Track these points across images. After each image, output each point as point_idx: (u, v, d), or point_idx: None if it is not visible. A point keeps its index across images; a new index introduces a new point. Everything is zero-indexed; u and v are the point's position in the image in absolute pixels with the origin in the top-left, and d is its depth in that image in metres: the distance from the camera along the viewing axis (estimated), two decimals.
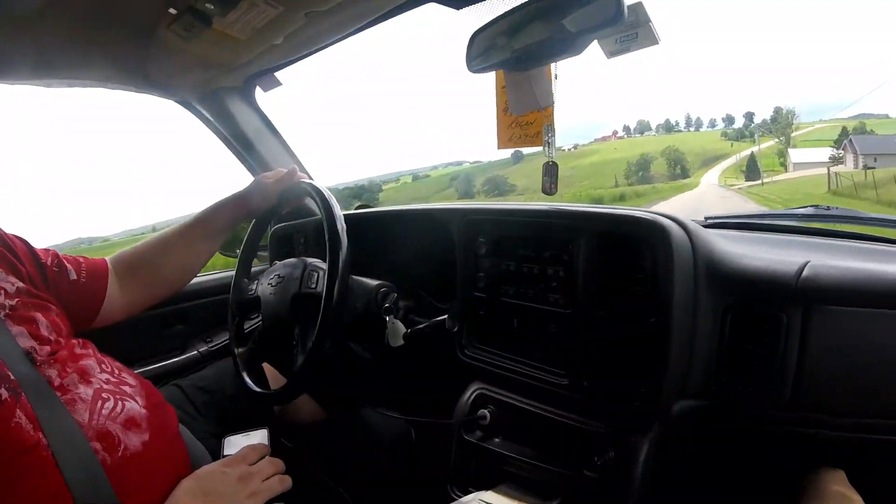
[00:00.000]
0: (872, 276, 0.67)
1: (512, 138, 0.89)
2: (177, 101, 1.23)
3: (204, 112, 1.23)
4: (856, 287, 0.67)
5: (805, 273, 0.69)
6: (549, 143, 0.85)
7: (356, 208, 1.26)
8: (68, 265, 0.80)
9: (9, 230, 0.75)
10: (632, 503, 0.73)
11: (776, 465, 0.83)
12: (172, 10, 0.89)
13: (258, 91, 1.23)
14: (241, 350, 0.93)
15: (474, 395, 0.91)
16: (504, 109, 0.90)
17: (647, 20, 0.86)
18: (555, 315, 0.82)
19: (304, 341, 0.82)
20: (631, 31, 0.87)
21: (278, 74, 1.19)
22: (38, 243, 0.78)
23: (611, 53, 0.89)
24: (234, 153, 1.30)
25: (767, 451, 0.83)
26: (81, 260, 0.83)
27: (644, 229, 0.73)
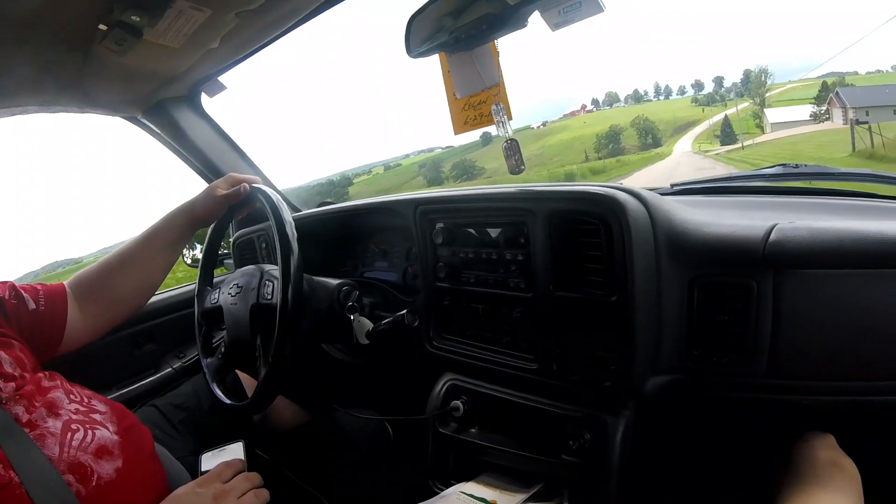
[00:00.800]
0: (842, 235, 0.62)
1: (468, 121, 0.86)
2: (123, 118, 1.19)
3: (151, 126, 1.20)
4: (826, 248, 0.63)
5: (772, 237, 0.65)
6: (501, 123, 0.82)
7: (318, 205, 1.24)
8: (25, 294, 0.79)
9: None
10: (613, 484, 0.72)
11: (758, 435, 0.82)
12: (102, 27, 0.86)
13: (205, 98, 1.20)
14: (209, 360, 0.92)
15: (445, 386, 0.90)
16: (454, 95, 0.86)
17: None
18: (517, 300, 0.80)
19: (266, 352, 0.80)
20: (574, 1, 0.84)
21: (223, 78, 1.15)
22: (15, 271, 0.77)
23: (555, 25, 0.85)
24: (187, 164, 1.27)
25: (748, 422, 0.82)
26: (39, 287, 0.82)
27: (597, 205, 0.70)
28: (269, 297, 0.81)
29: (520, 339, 0.81)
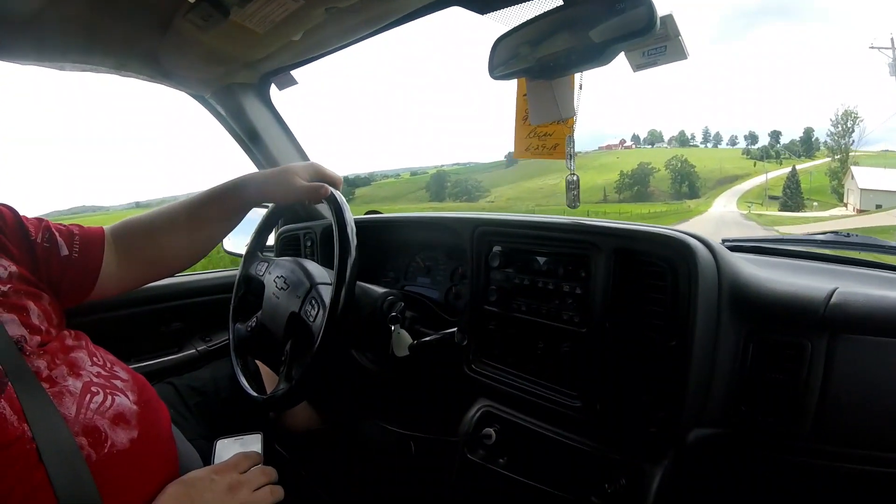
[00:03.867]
0: None
1: (529, 148, 0.87)
2: (190, 94, 1.21)
3: (217, 107, 1.21)
4: (884, 316, 0.64)
5: (833, 300, 0.67)
6: (570, 156, 0.83)
7: (366, 213, 1.24)
8: (60, 239, 0.74)
9: (9, 193, 0.71)
10: None
11: (792, 497, 0.80)
12: None
13: (273, 89, 1.21)
14: (238, 326, 0.91)
15: (480, 412, 0.88)
16: (524, 118, 0.87)
17: (677, 34, 0.84)
18: (569, 333, 0.79)
19: (291, 365, 0.80)
20: (660, 45, 0.85)
21: (295, 73, 1.17)
22: (41, 208, 0.75)
23: (637, 67, 0.87)
24: (244, 150, 1.28)
25: (783, 482, 0.80)
26: (76, 231, 0.77)
27: (668, 248, 0.70)
28: (312, 319, 0.79)
29: (566, 374, 0.80)
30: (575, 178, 0.82)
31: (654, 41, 0.85)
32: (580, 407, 0.77)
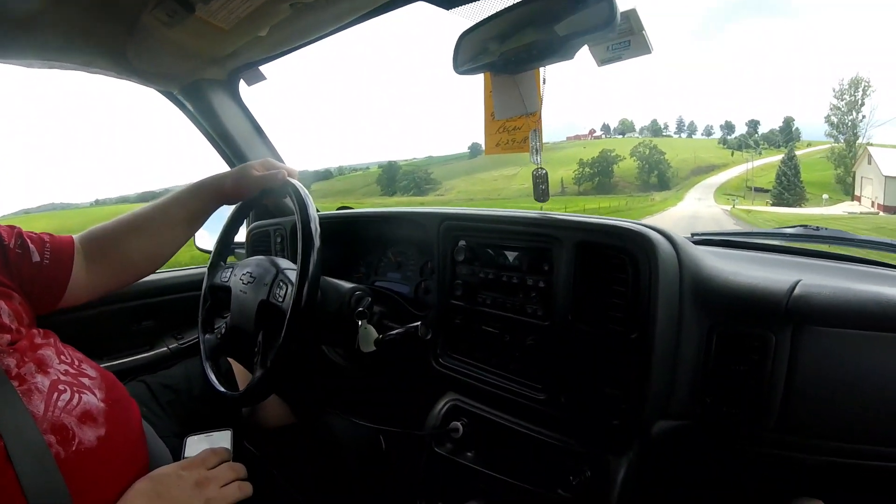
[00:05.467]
0: (864, 297, 0.64)
1: (499, 144, 0.87)
2: (159, 91, 1.20)
3: (186, 104, 1.20)
4: (848, 308, 0.64)
5: (796, 292, 0.66)
6: (536, 150, 0.83)
7: (337, 209, 1.23)
8: (32, 245, 0.75)
9: None
10: None
11: (757, 488, 0.81)
12: None
13: (242, 85, 1.20)
14: (207, 336, 0.91)
15: (447, 406, 0.88)
16: (491, 114, 0.87)
17: (641, 28, 0.84)
18: (533, 327, 0.79)
19: (265, 353, 0.79)
20: (623, 39, 0.85)
21: (263, 69, 1.16)
22: (11, 205, 0.75)
23: (602, 61, 0.87)
24: (213, 146, 1.27)
25: (748, 474, 0.81)
26: (47, 239, 0.78)
27: (628, 241, 0.70)
28: (281, 299, 0.80)
29: (529, 367, 0.80)
30: (542, 172, 0.82)
31: (618, 36, 0.85)
32: (544, 400, 0.77)
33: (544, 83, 0.83)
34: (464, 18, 0.90)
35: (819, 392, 0.67)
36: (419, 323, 0.81)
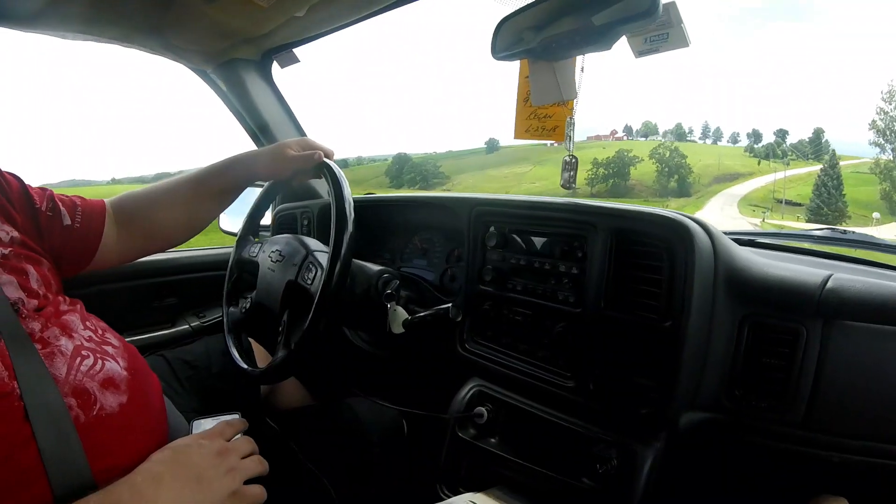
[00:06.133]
0: (893, 293, 0.64)
1: (529, 130, 0.86)
2: (191, 69, 1.20)
3: (218, 82, 1.21)
4: (880, 303, 0.64)
5: (829, 285, 0.67)
6: (569, 137, 0.83)
7: (365, 193, 1.24)
8: (63, 208, 0.77)
9: (4, 165, 0.72)
10: None
11: (781, 484, 0.80)
12: None
13: (275, 67, 1.21)
14: (231, 309, 0.91)
15: (472, 391, 0.88)
16: (525, 100, 0.87)
17: (680, 21, 0.84)
18: (564, 314, 0.79)
19: (289, 334, 0.79)
20: (662, 32, 0.85)
21: (297, 51, 1.17)
22: (33, 181, 0.76)
23: (639, 53, 0.87)
24: (243, 126, 1.27)
25: (773, 470, 0.80)
26: (78, 202, 0.80)
27: (665, 229, 0.70)
28: (310, 282, 0.79)
29: (558, 355, 0.80)
30: (573, 159, 0.82)
31: (657, 28, 0.85)
32: (573, 387, 0.77)
33: (582, 72, 0.83)
34: (502, 5, 0.90)
35: (847, 388, 0.66)
36: (450, 304, 0.81)
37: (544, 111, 0.86)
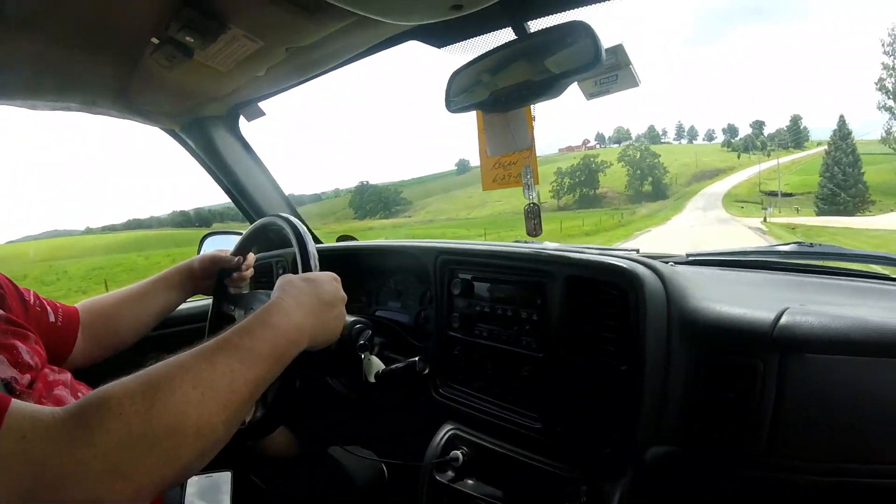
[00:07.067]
0: (849, 323, 0.66)
1: (496, 179, 0.89)
2: (161, 129, 1.23)
3: (187, 140, 1.23)
4: (833, 336, 0.66)
5: (782, 321, 0.68)
6: (528, 185, 0.85)
7: (337, 239, 1.26)
8: (48, 307, 0.82)
9: None
10: None
11: None
12: (155, 40, 0.89)
13: (242, 120, 1.23)
14: None
15: (447, 435, 0.90)
16: (486, 151, 0.90)
17: (628, 62, 0.87)
18: (527, 358, 0.81)
19: (266, 392, 0.81)
20: (611, 74, 0.88)
21: (262, 104, 1.19)
22: (15, 232, 0.79)
23: (590, 95, 0.90)
24: (216, 181, 1.29)
25: (742, 497, 0.82)
26: (59, 305, 0.85)
27: (617, 276, 0.72)
28: None
29: (526, 397, 0.82)
30: (535, 207, 0.85)
31: (606, 70, 0.88)
32: (540, 429, 0.79)
33: (535, 120, 0.86)
34: (455, 56, 0.92)
35: (809, 416, 0.68)
36: (417, 358, 0.83)
37: (508, 159, 0.89)
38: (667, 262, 1.04)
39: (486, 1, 0.74)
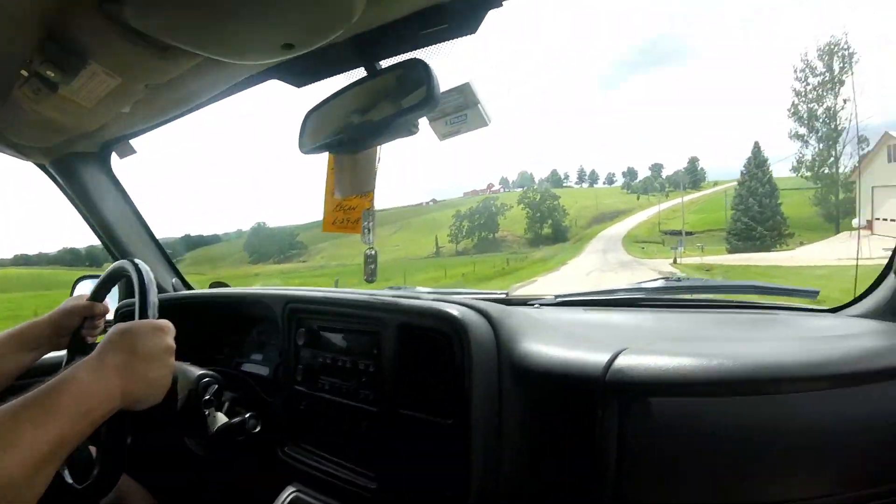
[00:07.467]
0: (690, 366, 0.63)
1: (335, 222, 0.86)
2: (34, 164, 1.18)
3: (57, 176, 1.19)
4: (666, 378, 0.63)
5: (616, 365, 0.64)
6: (368, 230, 0.82)
7: (210, 286, 1.20)
8: None
9: None
10: None
11: None
12: (24, 72, 0.87)
13: (114, 157, 1.20)
14: None
15: (288, 499, 0.83)
16: (332, 192, 0.87)
17: (476, 102, 0.86)
18: (364, 413, 0.76)
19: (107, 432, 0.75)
20: (460, 113, 0.87)
21: (134, 142, 1.16)
22: None
23: (443, 136, 0.89)
24: (86, 222, 1.24)
25: None
26: None
27: (444, 323, 0.69)
28: None
29: (364, 456, 0.77)
30: (372, 252, 0.82)
31: (454, 110, 0.87)
32: (375, 489, 0.73)
33: (379, 162, 0.84)
34: (317, 95, 0.91)
35: (655, 458, 0.64)
36: (248, 415, 0.78)
37: (349, 203, 0.86)
38: (532, 305, 1.02)
39: (316, 42, 0.74)
